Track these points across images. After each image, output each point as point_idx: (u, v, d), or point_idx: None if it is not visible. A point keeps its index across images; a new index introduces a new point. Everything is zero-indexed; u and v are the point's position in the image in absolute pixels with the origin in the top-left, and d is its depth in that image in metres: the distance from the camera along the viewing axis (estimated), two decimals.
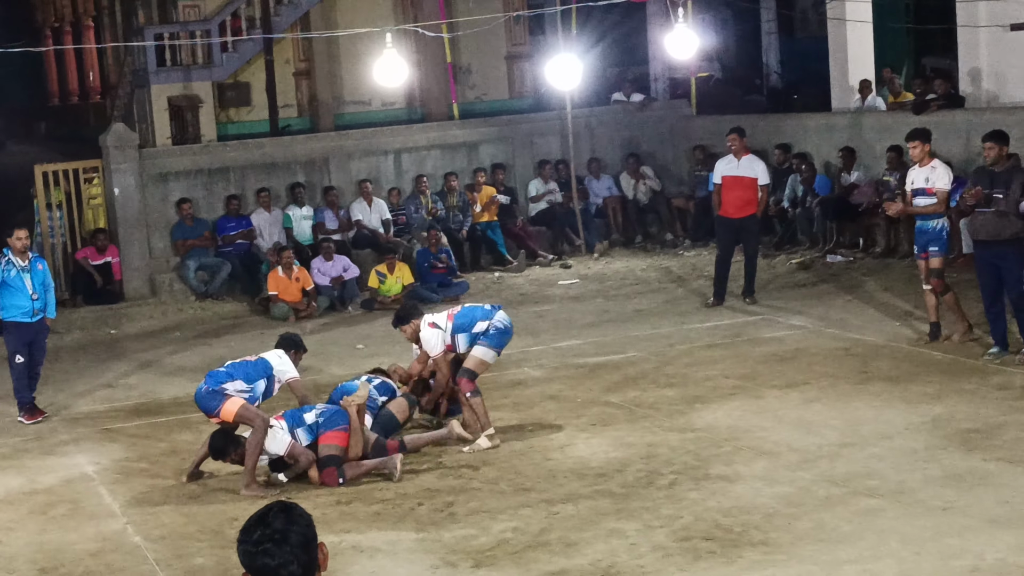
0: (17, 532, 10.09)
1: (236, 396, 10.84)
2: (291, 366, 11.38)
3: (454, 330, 11.57)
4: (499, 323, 11.54)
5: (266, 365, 11.21)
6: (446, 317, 11.69)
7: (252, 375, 11.07)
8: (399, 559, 8.98)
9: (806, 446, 10.71)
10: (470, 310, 11.78)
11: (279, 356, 11.38)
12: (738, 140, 16.69)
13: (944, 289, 13.57)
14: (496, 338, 11.55)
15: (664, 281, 18.98)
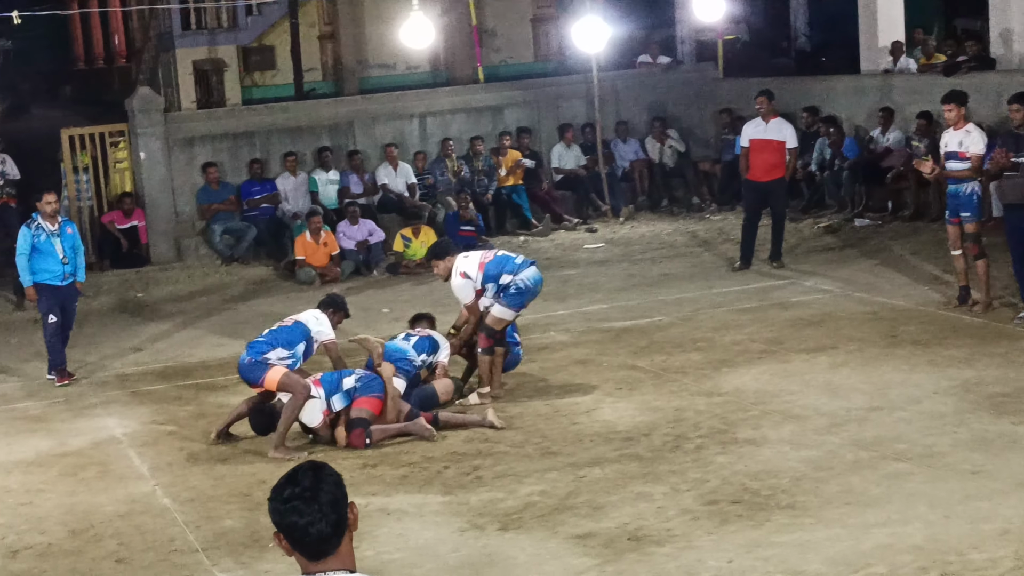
0: (47, 494, 10.14)
1: (278, 364, 10.83)
2: (328, 327, 11.33)
3: (484, 280, 11.61)
4: (521, 281, 11.52)
5: (303, 328, 11.18)
6: (477, 267, 11.68)
7: (291, 340, 11.05)
8: (426, 521, 8.99)
9: (834, 410, 10.68)
10: (501, 260, 11.75)
11: (316, 317, 11.33)
12: (766, 103, 16.59)
13: (979, 254, 13.45)
14: (515, 298, 11.54)
15: (690, 245, 18.92)
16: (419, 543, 8.60)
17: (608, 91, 22.13)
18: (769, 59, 28.65)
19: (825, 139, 19.84)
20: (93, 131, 19.67)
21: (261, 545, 8.70)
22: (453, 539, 8.66)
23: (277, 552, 8.37)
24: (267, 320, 15.63)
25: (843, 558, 7.81)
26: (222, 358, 14.17)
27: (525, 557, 8.24)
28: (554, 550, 8.31)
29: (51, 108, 30.52)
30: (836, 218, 19.19)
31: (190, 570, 8.45)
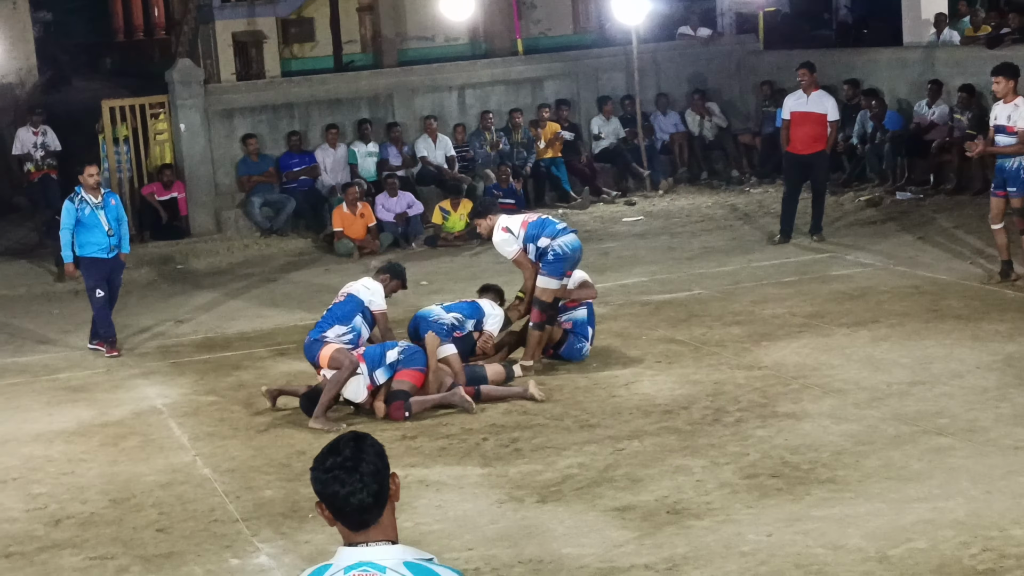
0: (89, 463, 10.21)
1: (335, 341, 10.85)
2: (380, 296, 11.25)
3: (525, 239, 11.61)
4: (559, 247, 11.48)
5: (356, 300, 11.16)
6: (520, 224, 11.67)
7: (346, 314, 11.05)
8: (465, 493, 9.00)
9: (875, 384, 10.62)
10: (542, 223, 11.72)
11: (367, 286, 11.26)
12: (808, 75, 16.47)
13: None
14: (554, 265, 11.50)
15: (730, 218, 18.84)
16: (458, 515, 8.62)
17: (648, 63, 22.02)
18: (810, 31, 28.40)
19: (866, 112, 19.69)
20: (133, 103, 19.72)
21: (301, 516, 8.74)
22: (491, 511, 8.66)
23: (317, 523, 8.43)
24: (306, 292, 15.80)
25: (883, 533, 7.77)
26: (261, 329, 14.23)
27: (563, 529, 8.24)
28: (592, 522, 8.31)
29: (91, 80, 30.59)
30: (877, 191, 19.07)
31: (230, 540, 8.49)
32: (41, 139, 19.35)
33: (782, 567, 7.45)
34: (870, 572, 7.31)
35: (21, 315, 15.79)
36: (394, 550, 3.84)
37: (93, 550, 8.49)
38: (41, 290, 17.13)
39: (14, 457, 10.46)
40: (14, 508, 9.34)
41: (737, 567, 7.51)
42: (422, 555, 3.85)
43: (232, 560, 8.19)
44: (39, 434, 11.01)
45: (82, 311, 14.87)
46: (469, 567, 7.73)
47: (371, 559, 3.80)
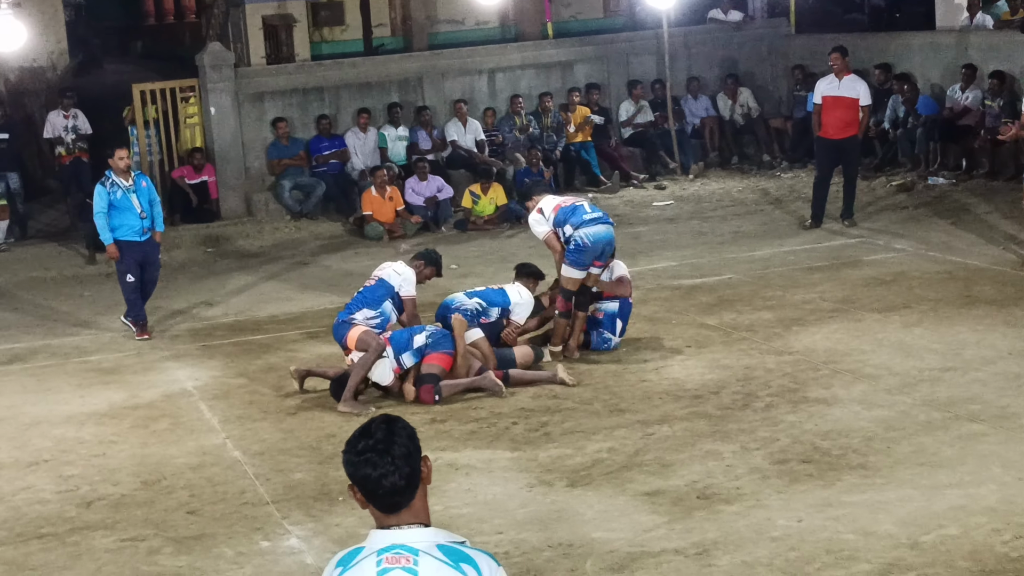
0: (120, 445, 10.25)
1: (363, 324, 10.87)
2: (411, 281, 11.23)
3: (555, 222, 11.59)
4: (579, 238, 11.41)
5: (386, 285, 11.16)
6: (553, 207, 11.64)
7: (376, 299, 11.05)
8: (494, 477, 9.01)
9: (906, 370, 10.58)
10: (572, 209, 11.63)
11: (398, 271, 11.25)
12: (840, 59, 16.38)
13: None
14: (575, 255, 11.44)
15: (761, 203, 18.77)
16: (487, 498, 8.62)
17: (679, 47, 21.93)
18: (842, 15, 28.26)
19: (898, 96, 19.58)
20: (164, 86, 19.74)
21: (331, 498, 8.75)
22: (521, 495, 8.66)
23: (347, 505, 8.45)
24: (335, 275, 15.82)
25: (915, 519, 7.75)
26: (291, 312, 14.25)
27: (593, 514, 8.23)
28: (622, 507, 8.30)
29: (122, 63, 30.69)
30: (909, 176, 18.96)
31: (260, 522, 8.51)
32: (72, 122, 19.40)
33: (813, 552, 7.43)
34: (901, 558, 7.28)
35: (52, 297, 15.86)
36: (426, 533, 3.83)
37: (124, 532, 8.53)
38: (72, 272, 17.20)
39: (46, 439, 10.52)
40: (46, 489, 9.38)
41: (767, 552, 7.49)
42: (454, 538, 3.85)
43: (262, 542, 8.21)
44: (70, 416, 11.06)
45: (113, 293, 14.93)
46: (499, 551, 7.73)
47: (404, 541, 3.80)
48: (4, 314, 15.11)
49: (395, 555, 3.77)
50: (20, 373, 12.59)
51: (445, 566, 3.75)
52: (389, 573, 3.75)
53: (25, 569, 8.08)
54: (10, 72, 21.60)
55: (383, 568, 3.76)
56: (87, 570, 8.01)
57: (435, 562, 3.75)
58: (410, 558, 3.76)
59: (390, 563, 3.76)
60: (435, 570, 3.74)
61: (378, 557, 3.79)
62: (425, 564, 3.75)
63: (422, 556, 3.76)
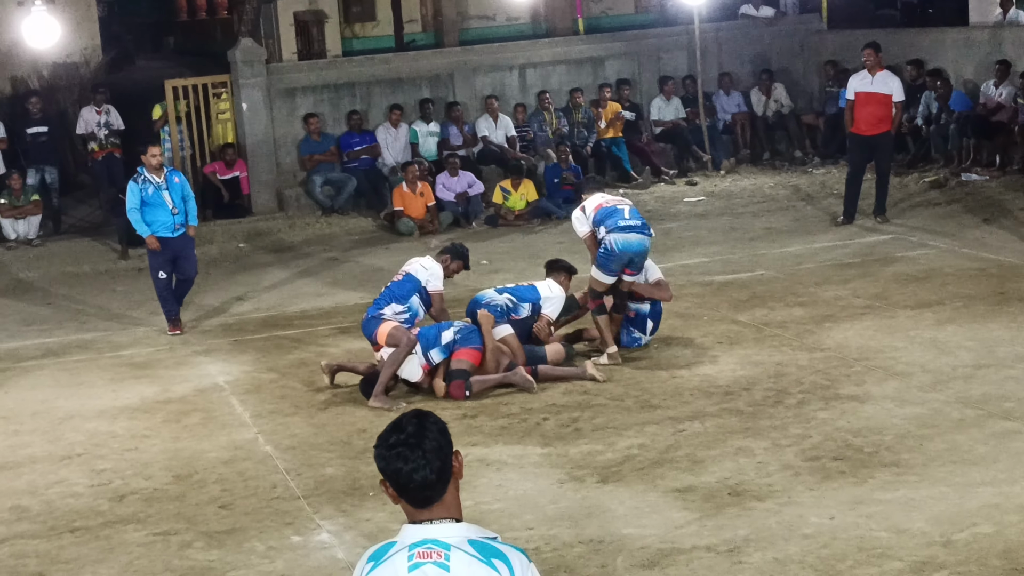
0: (152, 439, 10.29)
1: (392, 319, 10.88)
2: (438, 276, 11.22)
3: (594, 221, 11.49)
4: (609, 243, 11.22)
5: (413, 280, 11.16)
6: (595, 206, 11.56)
7: (403, 294, 11.06)
8: (525, 472, 9.00)
9: (939, 367, 10.53)
10: (610, 212, 11.46)
11: (425, 266, 11.25)
12: (873, 55, 16.30)
13: None
14: (603, 259, 11.30)
15: (792, 199, 18.71)
16: (518, 494, 8.62)
17: (710, 43, 21.88)
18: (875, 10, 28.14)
19: (931, 92, 19.48)
20: (196, 82, 19.80)
21: (362, 493, 8.77)
22: (552, 490, 8.66)
23: (378, 500, 8.46)
24: (366, 271, 15.85)
25: (948, 517, 7.71)
26: (323, 308, 14.27)
27: (624, 510, 8.22)
28: (653, 503, 8.29)
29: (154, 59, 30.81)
30: (942, 172, 18.85)
31: (292, 516, 8.53)
32: (104, 118, 19.48)
33: (844, 550, 7.40)
34: (934, 556, 7.25)
35: (86, 292, 15.94)
36: (458, 528, 3.83)
37: (156, 526, 8.56)
38: (105, 267, 17.29)
39: (79, 433, 10.57)
40: (79, 483, 9.43)
41: (799, 549, 7.46)
42: (486, 533, 3.85)
43: (293, 537, 8.23)
44: (103, 410, 11.11)
45: (146, 288, 15.00)
46: (529, 546, 7.72)
47: (435, 536, 3.80)
48: (38, 308, 15.19)
49: (427, 549, 3.77)
50: (53, 367, 12.65)
51: (477, 561, 3.75)
52: (421, 568, 3.76)
53: (58, 562, 8.12)
54: (44, 68, 21.71)
55: (415, 563, 3.77)
56: (119, 564, 8.05)
57: (467, 557, 3.75)
58: (442, 553, 3.76)
59: (422, 558, 3.76)
60: (466, 565, 3.75)
61: (410, 552, 3.79)
62: (457, 559, 3.76)
63: (454, 551, 3.76)
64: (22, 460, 10.00)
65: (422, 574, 3.76)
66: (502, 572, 3.75)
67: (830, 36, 22.72)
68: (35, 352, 13.25)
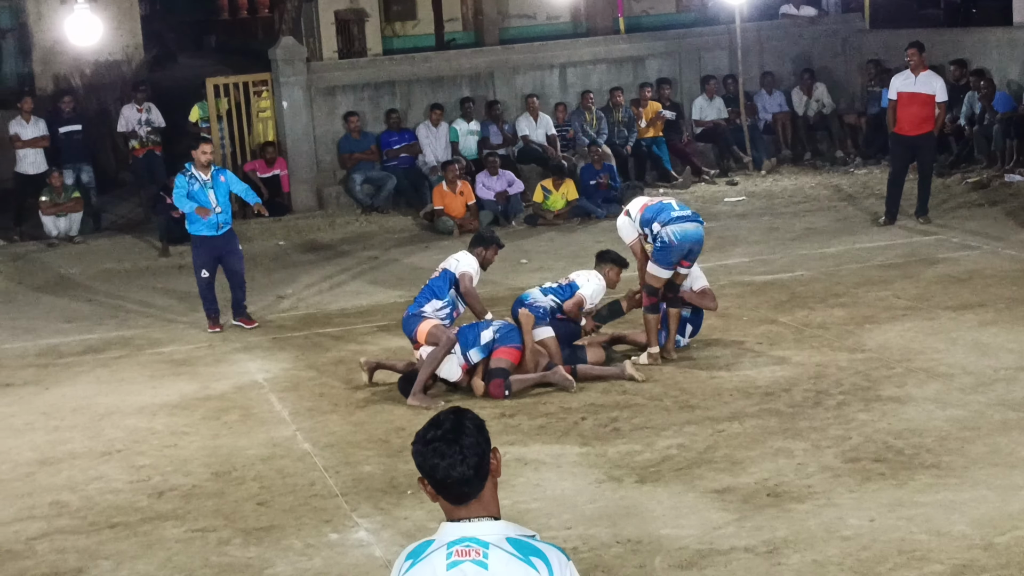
0: (191, 436, 10.32)
1: (433, 317, 10.88)
2: (468, 262, 11.19)
3: (641, 222, 11.39)
4: (666, 235, 11.13)
5: (448, 274, 11.15)
6: (639, 208, 11.48)
7: (441, 288, 11.06)
8: (563, 472, 8.98)
9: (981, 369, 10.44)
10: (659, 207, 11.38)
11: (458, 259, 11.23)
12: (917, 55, 16.20)
13: None
14: (660, 253, 11.23)
15: (834, 199, 18.60)
16: (556, 493, 8.60)
17: (751, 42, 21.80)
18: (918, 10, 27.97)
19: (975, 93, 19.34)
20: (236, 80, 19.88)
21: (399, 491, 8.76)
22: (590, 490, 8.63)
23: (416, 499, 8.46)
24: (405, 269, 15.87)
25: (989, 520, 7.65)
26: (361, 306, 14.29)
27: (662, 510, 8.19)
28: (692, 504, 8.25)
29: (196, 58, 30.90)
30: (985, 173, 18.71)
31: (329, 514, 8.53)
32: (145, 116, 19.57)
33: (885, 552, 7.35)
34: (975, 559, 7.18)
35: (126, 289, 16.01)
36: (497, 526, 3.82)
37: (195, 522, 8.58)
38: (146, 264, 17.36)
39: (118, 429, 10.61)
40: (118, 479, 9.46)
41: (838, 551, 7.41)
42: (525, 531, 3.83)
43: (331, 534, 8.23)
44: (143, 407, 11.16)
45: (186, 285, 15.08)
46: (567, 546, 7.69)
47: (474, 535, 3.79)
48: (78, 305, 15.27)
49: (465, 547, 3.77)
50: (93, 364, 12.71)
51: (515, 559, 3.73)
52: (459, 566, 3.75)
53: (97, 558, 8.15)
54: (86, 66, 21.82)
55: (453, 560, 3.76)
56: (158, 559, 8.07)
57: (505, 555, 3.74)
58: (480, 551, 3.75)
59: (460, 556, 3.76)
60: (505, 563, 3.73)
61: (448, 550, 3.78)
62: (495, 557, 3.74)
63: (492, 549, 3.75)
64: (62, 456, 10.05)
65: (460, 572, 3.74)
66: (540, 571, 3.73)
67: (872, 35, 22.60)
68: (76, 349, 13.31)
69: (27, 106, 18.93)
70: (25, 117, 18.85)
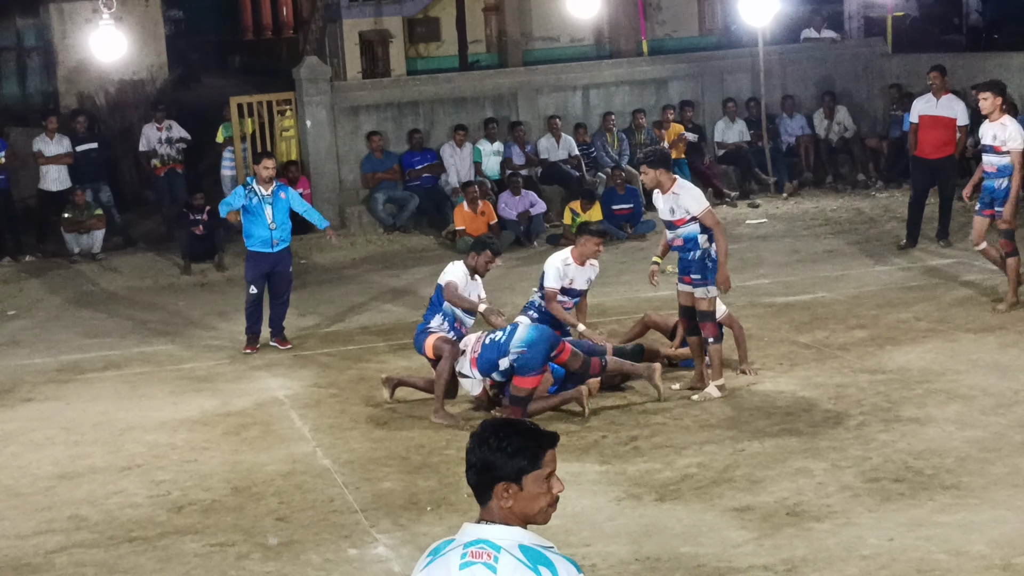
0: (212, 451, 10.35)
1: (438, 330, 10.93)
2: (454, 271, 11.11)
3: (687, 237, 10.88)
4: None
5: (439, 286, 11.18)
6: None
7: (437, 302, 11.12)
8: (583, 490, 8.98)
9: (1002, 391, 10.42)
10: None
11: (447, 270, 11.21)
12: (939, 78, 16.20)
13: None
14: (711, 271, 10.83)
15: (855, 222, 18.58)
16: (576, 511, 8.59)
17: (774, 65, 21.82)
18: (940, 35, 27.99)
19: None
20: (260, 99, 19.96)
21: (419, 508, 8.77)
22: (610, 508, 8.63)
23: (435, 515, 8.51)
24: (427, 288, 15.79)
25: (1009, 540, 7.63)
26: (383, 324, 14.33)
27: (682, 528, 8.18)
28: (711, 522, 8.25)
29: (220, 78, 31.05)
30: None
31: (349, 530, 8.55)
32: (166, 134, 19.71)
33: (903, 572, 7.34)
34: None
35: (147, 306, 16.08)
36: (513, 531, 3.91)
37: (214, 537, 8.60)
38: (167, 282, 17.42)
39: (139, 444, 10.65)
40: (138, 494, 9.49)
41: (857, 571, 7.40)
42: (542, 542, 3.88)
43: (350, 550, 8.24)
44: (163, 422, 11.19)
45: (207, 303, 15.17)
46: (586, 563, 7.71)
47: (488, 537, 3.90)
48: (100, 322, 15.33)
49: (479, 549, 3.87)
50: (115, 379, 12.76)
51: (523, 567, 3.82)
52: (471, 567, 3.86)
53: (116, 572, 8.18)
54: (110, 85, 21.98)
55: (466, 561, 3.87)
56: (176, 573, 8.09)
57: (514, 561, 3.83)
58: (492, 554, 3.85)
59: (473, 557, 3.87)
60: (512, 569, 3.82)
61: (464, 550, 3.89)
62: (504, 562, 3.84)
63: (503, 554, 3.85)
64: (82, 470, 10.09)
65: (470, 574, 3.85)
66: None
67: (895, 60, 22.59)
68: (97, 364, 13.37)
69: (52, 124, 19.06)
70: (49, 135, 18.98)
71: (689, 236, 10.78)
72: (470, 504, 8.75)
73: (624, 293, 15.05)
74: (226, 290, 16.60)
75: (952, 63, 19.32)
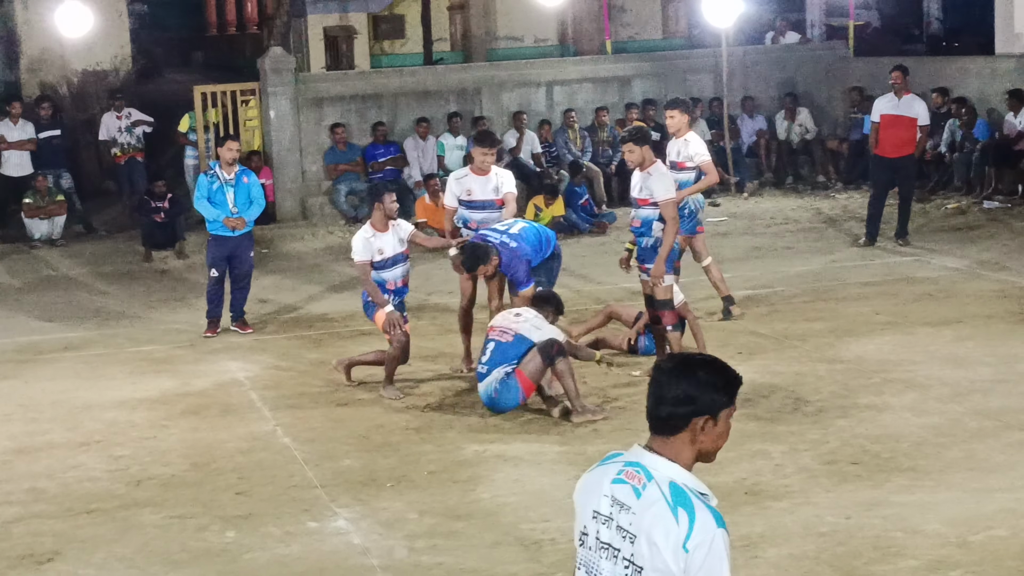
0: (171, 429, 10.34)
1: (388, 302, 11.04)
2: (357, 248, 11.34)
3: None
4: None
5: None
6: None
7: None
8: (542, 469, 9.03)
9: (958, 380, 10.53)
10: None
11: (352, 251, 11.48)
12: (901, 77, 16.31)
13: None
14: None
15: (815, 221, 18.70)
16: (535, 488, 8.63)
17: (736, 66, 21.94)
18: (900, 45, 28.21)
19: (955, 120, 19.50)
20: (224, 89, 19.94)
21: (379, 484, 8.79)
22: (568, 486, 8.52)
23: (394, 491, 8.56)
24: None
25: (964, 519, 7.72)
26: (343, 311, 14.30)
27: None
28: None
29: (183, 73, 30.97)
30: (964, 200, 18.85)
31: (308, 504, 8.56)
32: (126, 122, 19.68)
33: (860, 548, 7.41)
34: (949, 556, 7.25)
35: (108, 292, 16.00)
36: (673, 468, 3.94)
37: (173, 509, 8.60)
38: (127, 269, 17.35)
39: (97, 422, 10.62)
40: (96, 468, 9.48)
41: (815, 547, 7.47)
42: (698, 486, 3.93)
43: (310, 523, 8.26)
44: (122, 401, 11.17)
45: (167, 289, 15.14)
46: (545, 537, 7.76)
47: (647, 464, 3.94)
48: (60, 306, 15.26)
49: (636, 472, 3.93)
50: (73, 360, 12.71)
51: (663, 502, 3.86)
52: (620, 485, 3.94)
53: (74, 541, 8.16)
54: (73, 75, 21.90)
55: (620, 478, 3.95)
56: (135, 543, 8.08)
57: (658, 494, 3.87)
58: (643, 480, 3.91)
59: (627, 477, 3.94)
60: (652, 502, 3.87)
61: (623, 467, 3.97)
62: (650, 491, 3.89)
63: (652, 484, 3.90)
64: (40, 445, 10.06)
65: (617, 491, 3.94)
66: (680, 524, 3.83)
67: (856, 63, 22.76)
68: (55, 345, 13.31)
69: (15, 110, 19.01)
70: (13, 120, 18.90)
71: (646, 220, 10.91)
72: (429, 481, 8.80)
73: (583, 286, 15.09)
74: (187, 277, 16.56)
75: (913, 67, 19.41)
